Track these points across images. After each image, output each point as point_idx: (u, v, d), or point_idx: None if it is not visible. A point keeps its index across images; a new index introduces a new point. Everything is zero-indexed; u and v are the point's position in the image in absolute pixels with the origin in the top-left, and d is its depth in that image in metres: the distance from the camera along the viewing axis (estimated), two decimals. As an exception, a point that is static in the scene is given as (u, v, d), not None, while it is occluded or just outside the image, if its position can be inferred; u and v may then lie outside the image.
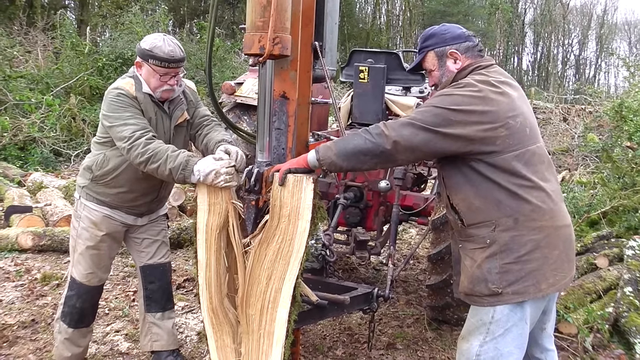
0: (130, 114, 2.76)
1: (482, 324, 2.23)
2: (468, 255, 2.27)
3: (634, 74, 11.02)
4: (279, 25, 2.25)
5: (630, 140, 7.61)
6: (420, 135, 2.13)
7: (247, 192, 2.51)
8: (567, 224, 2.26)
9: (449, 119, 2.12)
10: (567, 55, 43.68)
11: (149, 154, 2.61)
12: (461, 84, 2.23)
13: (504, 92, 2.18)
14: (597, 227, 6.08)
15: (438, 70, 2.40)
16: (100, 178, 2.96)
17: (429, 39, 2.42)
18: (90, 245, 3.03)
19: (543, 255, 2.14)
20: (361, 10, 32.39)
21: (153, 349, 3.26)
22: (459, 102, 2.14)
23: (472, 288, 2.23)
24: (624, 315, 3.84)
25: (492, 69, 2.31)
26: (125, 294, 4.51)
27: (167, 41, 2.83)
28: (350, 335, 3.96)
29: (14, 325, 3.85)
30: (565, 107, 15.39)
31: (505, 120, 2.13)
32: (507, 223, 2.14)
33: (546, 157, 2.28)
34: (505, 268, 2.14)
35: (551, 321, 2.48)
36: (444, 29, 2.43)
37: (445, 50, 2.37)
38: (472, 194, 2.20)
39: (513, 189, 2.13)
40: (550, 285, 2.16)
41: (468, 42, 2.38)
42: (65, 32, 13.18)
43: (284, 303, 2.39)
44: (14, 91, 10.25)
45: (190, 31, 19.29)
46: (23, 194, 6.67)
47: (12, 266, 4.94)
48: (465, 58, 2.36)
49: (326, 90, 4.33)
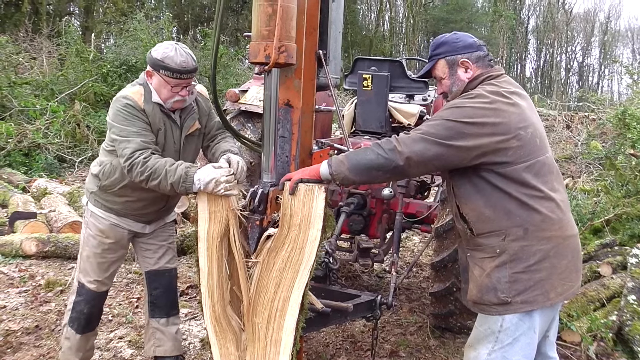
0: (136, 129, 2.71)
1: (490, 333, 2.24)
2: (477, 264, 2.28)
3: (638, 81, 11.03)
4: (284, 34, 2.28)
5: (634, 148, 7.61)
6: (433, 149, 2.13)
7: (252, 212, 2.53)
8: (575, 234, 2.28)
9: (461, 132, 2.11)
10: (570, 62, 43.73)
11: (148, 171, 2.59)
12: (472, 95, 2.22)
13: (515, 103, 2.19)
14: (600, 235, 6.06)
15: (448, 78, 2.40)
16: (107, 188, 2.94)
17: (440, 47, 2.42)
18: (97, 252, 3.02)
19: (552, 265, 2.16)
20: (364, 18, 32.52)
21: (156, 354, 3.25)
22: (471, 114, 2.13)
23: (481, 297, 2.24)
24: (628, 324, 3.82)
25: (502, 79, 2.32)
26: (129, 301, 4.52)
27: (180, 51, 2.76)
28: (353, 343, 3.96)
29: (18, 331, 3.86)
30: (569, 115, 15.37)
31: (516, 132, 2.13)
32: (517, 233, 2.15)
33: (555, 167, 2.29)
34: (515, 277, 2.15)
35: (554, 329, 2.48)
36: (455, 37, 2.42)
37: (456, 59, 2.36)
38: (482, 204, 2.21)
39: (523, 199, 2.14)
40: (558, 294, 2.18)
41: (479, 52, 2.37)
42: (70, 39, 13.27)
43: (292, 311, 2.40)
44: (19, 97, 10.30)
45: (195, 38, 19.35)
46: (27, 200, 6.70)
47: (16, 272, 4.95)
48: (476, 68, 2.35)
49: (330, 98, 4.34)
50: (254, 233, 2.52)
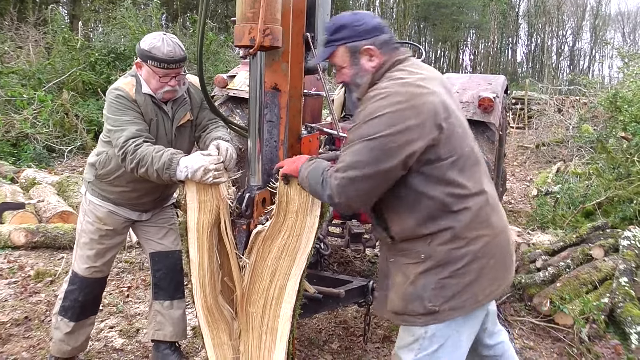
0: (129, 117, 2.72)
1: (414, 340, 2.07)
2: (400, 271, 2.07)
3: (628, 64, 11.02)
4: (269, 17, 2.23)
5: (625, 131, 7.62)
6: (366, 184, 1.93)
7: (239, 216, 2.49)
8: (504, 228, 2.11)
9: (388, 148, 1.86)
10: (562, 46, 43.77)
11: (137, 158, 2.58)
12: (382, 94, 1.93)
13: (432, 91, 1.95)
14: (592, 217, 6.08)
15: (350, 67, 2.11)
16: (103, 177, 2.95)
17: (340, 31, 2.09)
18: (94, 238, 3.03)
19: (481, 266, 1.99)
20: (355, 2, 32.30)
21: (154, 337, 3.23)
22: (390, 121, 1.86)
23: (404, 306, 2.04)
24: (620, 306, 3.84)
25: (408, 63, 2.08)
26: (120, 290, 4.48)
27: (167, 41, 2.73)
28: (345, 329, 3.95)
29: (7, 322, 3.82)
30: (560, 99, 15.37)
31: (440, 124, 1.91)
32: (444, 236, 1.97)
33: (479, 157, 2.09)
34: (442, 283, 1.97)
35: (490, 319, 2.32)
36: (356, 18, 2.09)
37: (359, 45, 2.06)
38: (405, 212, 2.01)
39: (449, 200, 1.95)
40: (487, 295, 2.02)
41: (384, 35, 2.08)
42: (57, 27, 13.08)
43: (288, 299, 2.38)
44: (6, 87, 10.15)
45: (184, 25, 19.18)
46: (16, 191, 6.62)
47: (5, 263, 4.90)
48: (381, 54, 2.07)
49: (319, 82, 4.30)
50: (241, 237, 2.48)
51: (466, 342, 2.11)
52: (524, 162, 11.98)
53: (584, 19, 44.64)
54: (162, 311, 3.18)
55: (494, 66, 36.05)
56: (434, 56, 40.27)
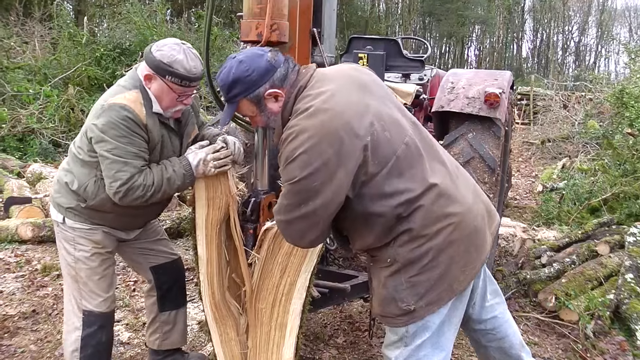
0: (135, 149, 2.37)
1: (399, 339, 2.07)
2: (375, 275, 2.09)
3: (635, 59, 10.97)
4: (276, 12, 2.24)
5: (631, 127, 7.60)
6: (305, 223, 1.92)
7: (245, 221, 2.49)
8: (466, 210, 1.99)
9: (312, 188, 1.83)
10: (567, 42, 43.47)
11: (151, 190, 2.37)
12: (293, 134, 1.84)
13: (340, 110, 1.84)
14: (598, 214, 6.08)
15: (259, 115, 2.05)
16: (95, 207, 2.55)
17: (234, 87, 2.00)
18: (94, 266, 2.65)
19: (449, 255, 1.95)
20: (360, -2, 32.23)
21: (162, 347, 3.08)
22: (307, 161, 1.80)
23: (382, 309, 2.04)
24: (625, 302, 3.84)
25: (312, 84, 1.98)
26: (126, 284, 4.51)
27: (189, 53, 2.39)
28: (351, 324, 3.96)
29: (15, 316, 3.85)
30: (566, 94, 15.31)
31: (360, 142, 1.83)
32: (403, 239, 1.93)
33: (422, 147, 1.98)
34: (412, 282, 1.95)
35: (477, 291, 2.22)
36: (244, 68, 1.97)
37: (259, 93, 1.98)
38: (362, 229, 2.00)
39: (399, 210, 1.90)
40: (461, 282, 1.99)
41: (279, 70, 1.99)
42: (63, 23, 13.11)
43: (298, 295, 2.39)
44: (12, 82, 10.19)
45: (189, 20, 19.16)
46: (22, 185, 6.65)
47: (12, 257, 4.93)
48: (284, 89, 1.99)
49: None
50: (248, 242, 2.50)
51: (450, 328, 2.09)
52: (530, 158, 11.95)
53: (590, 14, 44.40)
54: (169, 320, 3.04)
55: (499, 62, 35.88)
56: (439, 52, 40.14)
